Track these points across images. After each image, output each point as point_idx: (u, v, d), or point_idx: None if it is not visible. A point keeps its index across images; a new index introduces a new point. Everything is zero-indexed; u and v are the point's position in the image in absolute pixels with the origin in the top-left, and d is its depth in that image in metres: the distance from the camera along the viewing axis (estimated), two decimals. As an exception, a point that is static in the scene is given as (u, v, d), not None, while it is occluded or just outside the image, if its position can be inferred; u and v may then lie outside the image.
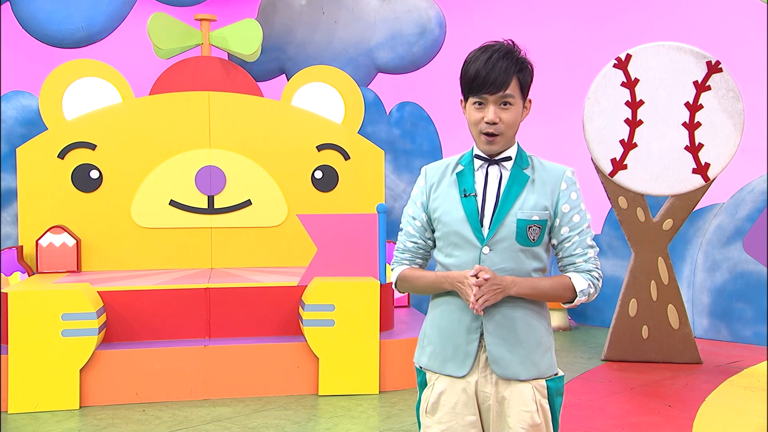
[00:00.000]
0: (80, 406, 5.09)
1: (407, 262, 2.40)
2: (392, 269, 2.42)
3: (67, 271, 6.25)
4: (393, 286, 2.44)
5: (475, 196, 2.26)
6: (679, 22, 7.80)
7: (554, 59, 8.76)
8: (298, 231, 6.07)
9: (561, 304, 2.37)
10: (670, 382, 5.65)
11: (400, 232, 2.43)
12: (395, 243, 2.48)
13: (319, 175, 6.85)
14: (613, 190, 6.18)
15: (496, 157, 2.28)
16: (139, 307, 5.42)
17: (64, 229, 6.27)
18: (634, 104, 5.96)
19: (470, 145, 2.35)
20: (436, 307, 2.35)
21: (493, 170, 2.28)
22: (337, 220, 5.54)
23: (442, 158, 2.49)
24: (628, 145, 5.96)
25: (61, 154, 6.40)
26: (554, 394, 2.32)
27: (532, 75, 2.28)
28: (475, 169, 2.29)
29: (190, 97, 6.68)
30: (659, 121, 5.96)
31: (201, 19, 7.20)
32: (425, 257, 2.41)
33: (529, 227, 2.23)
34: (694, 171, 5.96)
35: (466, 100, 2.27)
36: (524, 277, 2.27)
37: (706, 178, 5.97)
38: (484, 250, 2.23)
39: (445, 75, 6.54)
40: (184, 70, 7.04)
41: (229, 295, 5.56)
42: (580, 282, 2.29)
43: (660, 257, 6.25)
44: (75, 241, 6.27)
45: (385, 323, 5.66)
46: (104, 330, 5.27)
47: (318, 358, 5.38)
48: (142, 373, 5.21)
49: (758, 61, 6.98)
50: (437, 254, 2.35)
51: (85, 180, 6.45)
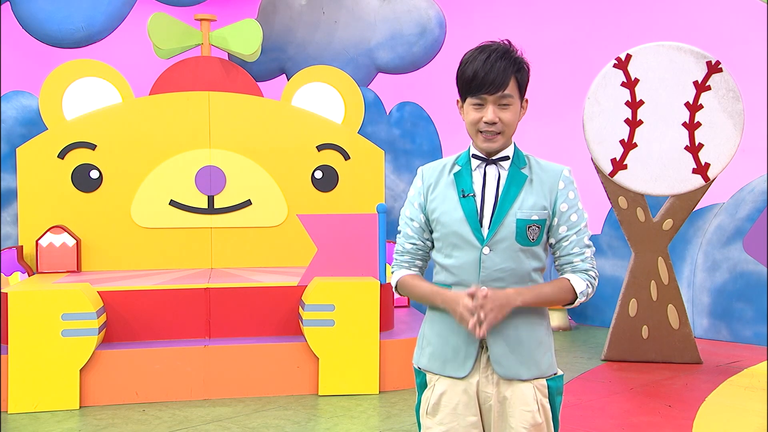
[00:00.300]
0: (80, 406, 5.09)
1: (407, 265, 2.39)
2: (392, 272, 2.42)
3: (67, 271, 6.25)
4: (393, 289, 2.44)
5: (474, 196, 2.25)
6: (679, 22, 7.80)
7: (554, 59, 8.76)
8: (298, 231, 6.07)
9: (561, 306, 2.36)
10: (670, 382, 5.65)
11: (398, 235, 2.42)
12: (395, 243, 2.46)
13: (319, 175, 6.85)
14: (613, 190, 6.18)
15: (494, 157, 2.27)
16: (139, 307, 5.42)
17: (64, 229, 6.27)
18: (634, 104, 5.96)
19: (470, 145, 2.35)
20: (435, 309, 2.34)
21: (491, 170, 2.28)
22: (337, 220, 5.54)
23: (442, 158, 2.47)
24: (628, 145, 5.96)
25: (61, 154, 6.40)
26: (555, 393, 2.32)
27: (529, 75, 2.28)
28: (473, 169, 2.29)
29: (190, 97, 6.68)
30: (659, 121, 5.96)
31: (201, 19, 7.20)
32: (425, 258, 2.41)
33: (529, 227, 2.23)
34: (694, 171, 5.96)
35: (464, 100, 2.26)
36: (524, 278, 2.27)
37: (706, 178, 5.97)
38: (484, 251, 2.23)
39: (445, 75, 6.54)
40: (184, 70, 7.04)
41: (229, 295, 5.56)
42: (579, 283, 2.29)
43: (660, 257, 6.25)
44: (75, 241, 6.27)
45: (385, 323, 5.66)
46: (104, 330, 5.27)
47: (318, 358, 5.38)
48: (142, 373, 5.21)
49: (758, 61, 6.98)
50: (436, 255, 2.34)
51: (85, 180, 6.45)
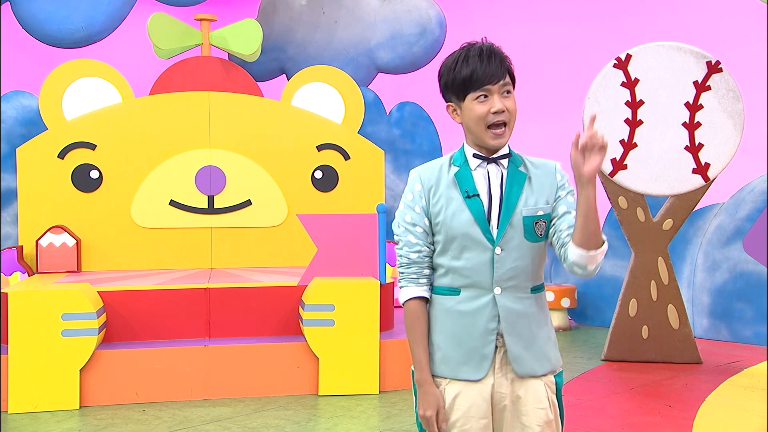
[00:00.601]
0: (80, 406, 5.09)
1: (415, 277, 2.30)
2: (401, 287, 2.33)
3: (67, 271, 6.25)
4: (402, 304, 2.35)
5: (478, 196, 2.25)
6: (679, 22, 7.80)
7: (554, 59, 8.76)
8: (298, 231, 6.07)
9: (589, 252, 2.13)
10: (670, 382, 5.65)
11: (397, 246, 2.34)
12: (395, 243, 2.43)
13: (319, 175, 6.85)
14: (613, 190, 6.18)
15: (495, 155, 2.27)
16: (139, 307, 5.42)
17: (64, 229, 6.27)
18: (634, 104, 5.95)
19: (462, 145, 2.33)
20: (443, 314, 2.29)
21: (493, 169, 2.27)
22: (337, 220, 5.54)
23: (432, 160, 2.43)
24: (628, 145, 5.95)
25: (61, 154, 6.40)
26: (560, 389, 2.35)
27: (515, 70, 2.29)
28: (473, 168, 2.27)
29: (190, 97, 6.69)
30: (659, 121, 5.96)
31: (201, 19, 7.20)
32: (431, 266, 2.32)
33: (536, 222, 2.24)
34: (694, 171, 5.96)
35: (462, 99, 2.24)
36: (535, 274, 2.28)
37: (706, 178, 5.97)
38: (496, 251, 2.22)
39: (445, 75, 6.53)
40: (184, 70, 7.04)
41: (229, 295, 5.56)
42: None
43: (660, 257, 6.25)
44: (75, 241, 6.27)
45: (385, 323, 5.66)
46: (104, 330, 5.27)
47: (318, 358, 5.38)
48: (142, 373, 5.21)
49: (758, 61, 6.98)
50: (440, 258, 2.28)
51: (85, 180, 6.45)
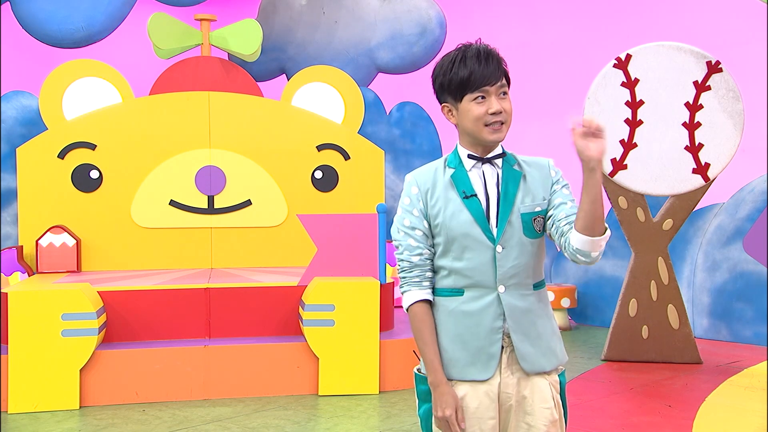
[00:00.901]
0: (80, 406, 5.09)
1: (417, 280, 2.30)
2: (403, 292, 2.33)
3: (67, 271, 6.25)
4: (405, 310, 2.34)
5: (476, 196, 2.25)
6: (679, 22, 7.80)
7: (554, 59, 8.76)
8: (298, 231, 6.07)
9: (593, 238, 2.11)
10: (670, 382, 5.65)
11: (397, 251, 2.33)
12: (395, 247, 2.42)
13: (319, 175, 6.85)
14: (613, 190, 6.18)
15: (489, 155, 2.28)
16: (139, 307, 5.42)
17: (64, 229, 6.27)
18: (634, 104, 5.95)
19: (456, 146, 2.34)
20: (447, 316, 2.29)
21: (488, 169, 2.28)
22: (337, 220, 5.54)
23: (426, 164, 2.43)
24: (628, 145, 5.95)
25: (61, 154, 6.40)
26: (563, 388, 2.35)
27: (509, 71, 2.29)
28: (468, 169, 2.28)
29: (190, 97, 6.69)
30: (659, 121, 5.96)
31: (201, 19, 7.20)
32: (432, 268, 2.32)
33: (534, 219, 2.25)
34: (694, 171, 5.95)
35: (460, 100, 2.24)
36: (536, 270, 2.28)
37: (706, 178, 5.97)
38: (497, 249, 2.23)
39: (445, 75, 6.53)
40: (184, 70, 7.04)
41: (229, 295, 5.56)
42: None
43: (660, 257, 6.25)
44: (75, 241, 6.27)
45: (385, 323, 5.66)
46: (104, 330, 5.27)
47: (318, 358, 5.38)
48: (142, 373, 5.21)
49: (758, 61, 6.98)
50: (442, 260, 2.28)
51: (85, 180, 6.45)
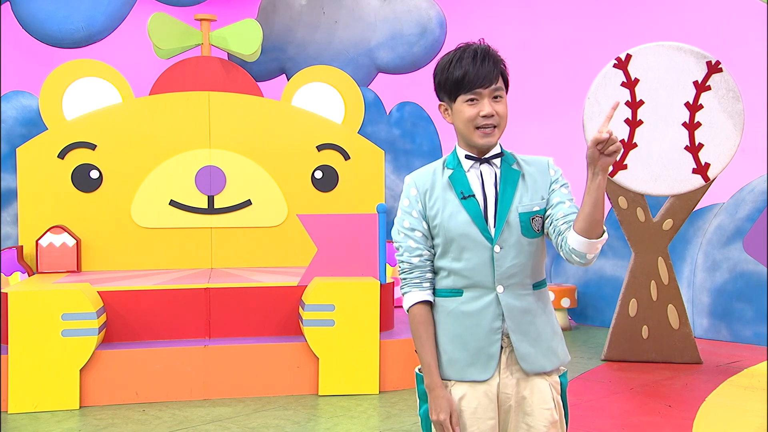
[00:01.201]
0: (80, 406, 5.09)
1: (417, 281, 2.30)
2: (403, 293, 2.34)
3: (67, 271, 6.25)
4: (406, 311, 2.35)
5: (474, 196, 2.25)
6: (679, 22, 7.80)
7: (554, 59, 8.76)
8: (298, 231, 6.07)
9: (591, 240, 2.10)
10: (670, 382, 5.65)
11: (397, 253, 2.34)
12: (395, 248, 2.42)
13: (319, 175, 6.85)
14: (613, 190, 6.18)
15: (487, 155, 2.28)
16: (139, 307, 5.42)
17: (64, 229, 6.27)
18: (634, 104, 5.95)
19: (455, 147, 2.34)
20: (446, 316, 2.30)
21: (486, 169, 2.28)
22: (337, 220, 5.54)
23: (425, 165, 2.44)
24: (628, 145, 5.95)
25: (61, 154, 6.40)
26: (565, 389, 2.35)
27: (509, 72, 2.29)
28: (466, 170, 2.27)
29: (190, 97, 6.69)
30: (659, 121, 5.96)
31: (201, 19, 7.20)
32: (433, 269, 2.32)
33: (532, 218, 2.24)
34: (694, 171, 5.95)
35: (454, 100, 2.25)
36: (535, 270, 2.27)
37: (706, 178, 5.97)
38: (495, 249, 2.22)
39: (445, 75, 6.53)
40: (184, 70, 7.04)
41: (229, 295, 5.56)
42: None
43: (660, 257, 6.25)
44: (75, 241, 6.27)
45: (385, 323, 5.66)
46: (104, 330, 5.27)
47: (318, 358, 5.37)
48: (142, 373, 5.21)
49: (758, 61, 6.98)
50: (441, 261, 2.29)
51: (85, 180, 6.45)
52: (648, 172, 5.97)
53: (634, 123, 5.96)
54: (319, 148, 6.85)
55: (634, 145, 5.96)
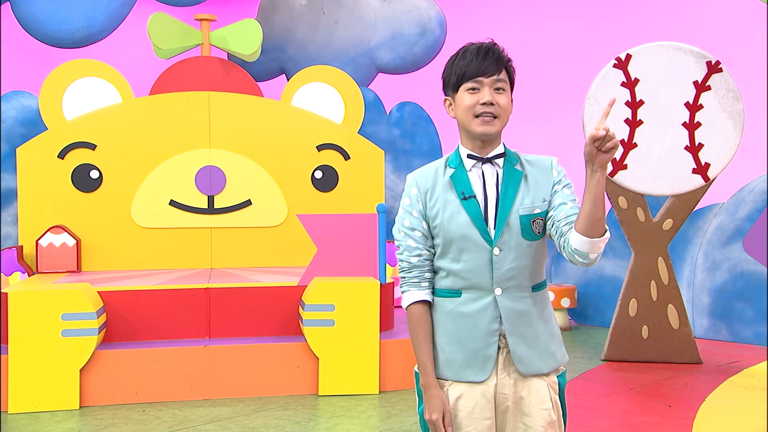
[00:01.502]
0: (80, 406, 5.09)
1: (416, 281, 2.31)
2: (402, 292, 2.34)
3: (67, 271, 6.25)
4: (405, 309, 2.35)
5: (475, 197, 2.24)
6: (679, 22, 7.80)
7: (554, 59, 8.76)
8: (298, 231, 6.06)
9: (593, 239, 2.09)
10: (670, 382, 5.65)
11: (397, 251, 2.34)
12: (396, 247, 2.42)
13: (319, 175, 6.85)
14: (613, 190, 6.18)
15: (489, 155, 2.27)
16: (139, 307, 5.42)
17: (64, 229, 6.27)
18: (634, 104, 5.95)
19: (458, 147, 2.33)
20: (445, 316, 2.30)
21: (488, 169, 2.26)
22: (337, 220, 5.54)
23: (428, 163, 2.43)
24: (628, 145, 5.95)
25: (61, 154, 6.40)
26: (563, 389, 2.34)
27: (515, 72, 2.29)
28: (468, 169, 2.26)
29: (190, 97, 6.69)
30: (659, 121, 5.96)
31: (201, 19, 7.20)
32: (432, 269, 2.32)
33: (533, 221, 2.23)
34: (694, 171, 5.95)
35: (456, 91, 2.25)
36: (534, 272, 2.26)
37: (706, 178, 5.97)
38: (494, 251, 2.21)
39: (445, 75, 6.53)
40: (184, 70, 7.04)
41: (229, 295, 5.56)
42: None
43: (660, 257, 6.25)
44: (75, 241, 6.27)
45: (385, 323, 5.66)
46: (104, 330, 5.27)
47: (318, 358, 5.37)
48: (142, 373, 5.21)
49: (758, 61, 6.98)
50: (440, 261, 2.29)
51: (85, 180, 6.45)
52: (648, 172, 5.97)
53: (634, 123, 5.96)
54: (319, 148, 6.85)
55: (634, 145, 5.96)
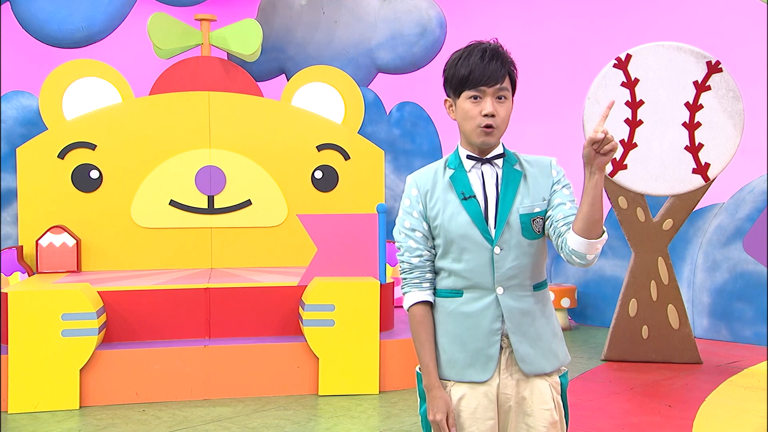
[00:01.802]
0: (80, 406, 5.09)
1: (417, 281, 2.31)
2: (403, 293, 2.34)
3: (67, 271, 6.25)
4: (406, 310, 2.35)
5: (475, 197, 2.24)
6: (679, 22, 7.80)
7: (554, 59, 8.76)
8: (298, 231, 6.07)
9: (590, 241, 2.10)
10: (670, 382, 5.65)
11: (398, 252, 2.34)
12: (396, 248, 2.42)
13: (319, 175, 6.85)
14: (613, 190, 6.18)
15: (489, 155, 2.27)
16: (139, 307, 5.42)
17: (64, 229, 6.27)
18: (634, 104, 5.95)
19: (457, 147, 2.33)
20: (446, 317, 2.29)
21: (488, 169, 2.27)
22: (337, 220, 5.54)
23: (427, 164, 2.43)
24: (628, 145, 5.96)
25: (61, 154, 6.40)
26: (565, 390, 2.34)
27: (518, 75, 2.27)
28: (467, 170, 2.27)
29: (190, 97, 6.69)
30: (659, 121, 5.96)
31: (201, 19, 7.20)
32: (433, 269, 2.32)
33: (533, 220, 2.23)
34: (694, 171, 5.96)
35: (458, 96, 2.24)
36: (535, 271, 2.26)
37: (706, 178, 5.97)
38: (495, 251, 2.22)
39: (445, 75, 6.53)
40: (184, 70, 7.04)
41: (229, 295, 5.56)
42: None
43: (660, 257, 6.25)
44: (75, 241, 6.27)
45: (385, 323, 5.66)
46: (104, 330, 5.28)
47: (318, 358, 5.38)
48: (142, 373, 5.21)
49: (758, 61, 6.98)
50: (441, 261, 2.29)
51: (85, 180, 6.45)
52: (648, 172, 5.98)
53: (634, 123, 5.96)
54: (319, 148, 6.85)
55: (634, 145, 5.96)
